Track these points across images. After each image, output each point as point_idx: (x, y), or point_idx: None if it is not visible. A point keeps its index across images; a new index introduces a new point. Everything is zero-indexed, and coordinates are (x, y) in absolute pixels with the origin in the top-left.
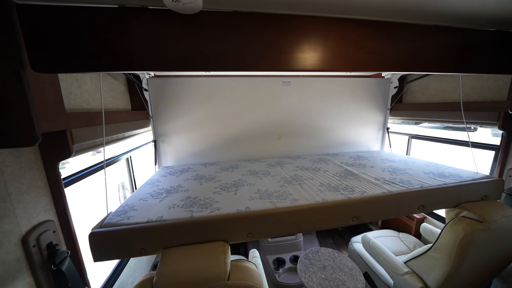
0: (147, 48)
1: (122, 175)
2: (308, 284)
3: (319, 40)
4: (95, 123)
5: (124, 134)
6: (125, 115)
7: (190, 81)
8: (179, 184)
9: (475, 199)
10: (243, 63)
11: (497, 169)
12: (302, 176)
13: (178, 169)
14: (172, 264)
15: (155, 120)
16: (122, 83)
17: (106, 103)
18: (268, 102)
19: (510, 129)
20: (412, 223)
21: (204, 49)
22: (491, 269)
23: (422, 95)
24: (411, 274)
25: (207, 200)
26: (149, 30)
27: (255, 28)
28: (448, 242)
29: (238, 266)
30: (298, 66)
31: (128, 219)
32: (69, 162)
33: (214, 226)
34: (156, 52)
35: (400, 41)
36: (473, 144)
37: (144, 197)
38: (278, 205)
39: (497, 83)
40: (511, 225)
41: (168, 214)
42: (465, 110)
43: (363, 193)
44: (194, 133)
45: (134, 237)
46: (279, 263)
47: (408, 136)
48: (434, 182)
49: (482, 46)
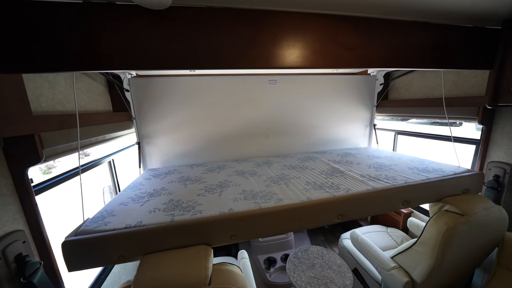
0: (116, 47)
1: (107, 179)
2: (297, 283)
3: (296, 36)
4: (70, 126)
5: (105, 137)
6: (105, 117)
7: (174, 81)
8: (162, 187)
9: (457, 192)
10: (218, 61)
11: (477, 162)
12: (289, 175)
13: (163, 172)
14: (150, 271)
15: (138, 121)
16: (102, 83)
17: (83, 105)
18: (255, 100)
19: (489, 123)
20: (400, 218)
21: (178, 47)
22: (473, 260)
23: (407, 91)
24: (398, 268)
25: (190, 202)
26: (118, 27)
27: (230, 24)
28: (431, 236)
29: (220, 270)
30: (277, 64)
31: (105, 226)
32: (56, 167)
33: (195, 230)
34: (126, 51)
35: (380, 37)
36: (455, 139)
37: (125, 202)
38: (263, 205)
39: (476, 79)
40: (490, 217)
41: (148, 218)
42: (447, 106)
43: (348, 190)
44: (180, 134)
45: (110, 244)
46: (270, 263)
47: (394, 132)
48: (418, 177)
49: (460, 42)
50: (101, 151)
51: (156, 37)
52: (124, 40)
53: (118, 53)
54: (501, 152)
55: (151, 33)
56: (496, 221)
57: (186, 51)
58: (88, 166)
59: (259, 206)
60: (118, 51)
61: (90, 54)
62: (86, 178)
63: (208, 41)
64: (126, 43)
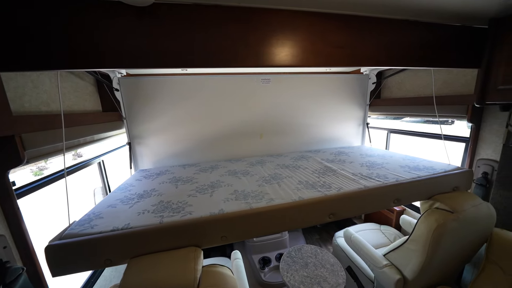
0: (100, 45)
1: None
2: (290, 282)
3: (286, 34)
4: (55, 126)
5: (94, 137)
6: (93, 117)
7: (166, 80)
8: (153, 188)
9: (447, 190)
10: (208, 59)
11: (467, 160)
12: (282, 174)
13: (154, 172)
14: (137, 274)
15: (129, 122)
16: (90, 83)
17: (70, 105)
18: (248, 100)
19: (478, 121)
20: (393, 216)
21: (164, 45)
22: (462, 256)
23: (399, 90)
24: (390, 266)
25: (180, 204)
26: (101, 24)
27: (218, 22)
28: (422, 234)
29: (209, 272)
30: (267, 62)
31: (91, 229)
32: (48, 168)
33: (185, 231)
34: (111, 49)
35: (369, 36)
36: (445, 137)
37: (114, 204)
38: (254, 205)
39: (466, 78)
40: (479, 214)
41: (136, 221)
42: (438, 104)
43: (339, 189)
44: (172, 133)
45: (96, 247)
46: (265, 262)
47: (387, 131)
48: (409, 175)
49: (449, 41)
50: (95, 151)
51: (142, 35)
52: (109, 38)
53: (101, 52)
54: (489, 150)
55: (136, 32)
56: (485, 217)
57: (174, 49)
58: (76, 168)
59: (250, 206)
60: (102, 50)
61: (74, 52)
62: (78, 179)
63: (197, 39)
64: (111, 41)
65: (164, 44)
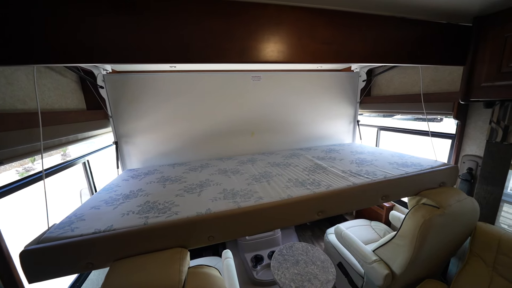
0: (72, 37)
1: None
2: (281, 280)
3: (271, 30)
4: (31, 125)
5: (78, 136)
6: (75, 115)
7: (154, 77)
8: (140, 188)
9: (434, 186)
10: (187, 54)
11: (453, 156)
12: (272, 172)
13: (142, 172)
14: (119, 277)
15: (115, 120)
16: (73, 80)
17: (51, 103)
18: (239, 97)
19: (463, 118)
20: (382, 212)
21: (142, 39)
22: (448, 249)
23: (388, 88)
24: (379, 261)
25: (167, 204)
26: (75, 17)
27: (200, 16)
28: (409, 229)
29: (196, 273)
30: (252, 58)
31: (72, 232)
32: (36, 169)
33: (170, 232)
34: (85, 43)
35: (357, 32)
36: (433, 134)
37: (97, 205)
38: (242, 204)
39: (452, 76)
40: (464, 209)
41: (119, 222)
42: (425, 102)
43: (328, 186)
44: (161, 132)
45: (76, 251)
46: (257, 260)
47: (377, 128)
48: (397, 172)
49: (435, 38)
50: (83, 151)
51: (118, 27)
52: (84, 31)
53: (74, 45)
54: (474, 146)
55: (114, 24)
56: (469, 212)
57: (152, 43)
58: (58, 169)
59: (238, 205)
60: (74, 43)
61: (58, 46)
62: (66, 180)
63: (177, 33)
64: (85, 34)
65: (141, 37)
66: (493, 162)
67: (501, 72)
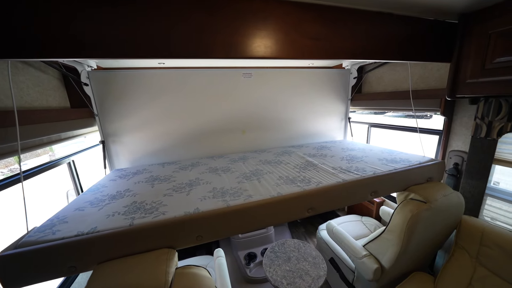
0: (46, 30)
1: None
2: (272, 277)
3: (258, 24)
4: (6, 124)
5: (61, 135)
6: (57, 114)
7: (142, 74)
8: (127, 188)
9: (421, 181)
10: (167, 48)
11: (440, 152)
12: (263, 170)
13: (131, 172)
14: (102, 281)
15: (101, 118)
16: (55, 76)
17: (31, 100)
18: (229, 95)
19: (450, 114)
20: (373, 207)
21: (119, 33)
22: (435, 243)
23: (378, 85)
24: (369, 256)
25: (155, 204)
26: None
27: (183, 9)
28: (398, 224)
29: (183, 273)
30: (237, 53)
31: (53, 235)
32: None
33: (157, 233)
34: (59, 36)
35: (345, 27)
36: (421, 130)
37: (82, 206)
38: (231, 203)
39: (440, 72)
40: (449, 203)
41: (104, 224)
42: (414, 98)
43: (318, 183)
44: (150, 130)
45: (57, 255)
46: (250, 258)
47: (367, 125)
48: (386, 168)
49: (422, 35)
50: (71, 151)
51: (94, 20)
52: (57, 23)
53: (48, 38)
54: (459, 142)
55: (89, 16)
56: (455, 206)
57: (130, 37)
58: (38, 170)
59: (227, 204)
60: (47, 36)
61: (44, 40)
62: (54, 180)
63: (157, 27)
64: (58, 27)
65: (118, 31)
66: (477, 157)
67: (485, 68)
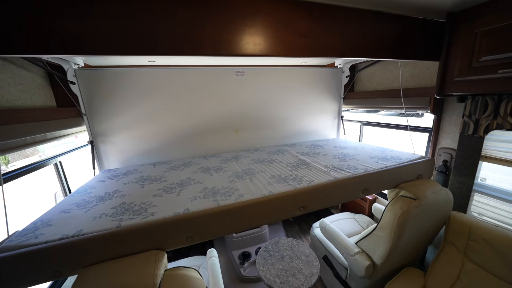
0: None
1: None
2: (266, 277)
3: (246, 21)
4: None
5: (46, 135)
6: (42, 113)
7: (131, 72)
8: (116, 189)
9: (412, 178)
10: (152, 45)
11: (430, 149)
12: (255, 169)
13: (121, 172)
14: (87, 285)
15: (90, 118)
16: (39, 74)
17: (12, 99)
18: (222, 93)
19: (439, 112)
20: (366, 204)
21: (102, 29)
22: (425, 238)
23: (370, 83)
24: (361, 253)
25: (144, 205)
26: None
27: (168, 5)
28: (389, 221)
29: (172, 275)
30: (225, 50)
31: (35, 239)
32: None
33: (145, 234)
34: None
35: (334, 25)
36: (412, 128)
37: (68, 209)
38: (222, 203)
39: (429, 71)
40: (439, 199)
41: (90, 226)
42: (404, 96)
43: (310, 182)
44: (141, 130)
45: (40, 260)
46: (245, 257)
47: (360, 123)
48: (377, 165)
49: (412, 33)
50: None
51: (72, 15)
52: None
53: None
54: (448, 139)
55: (69, 11)
56: (444, 202)
57: (114, 34)
58: (20, 172)
59: (218, 204)
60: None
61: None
62: (46, 182)
63: (142, 23)
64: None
65: (99, 27)
66: (465, 154)
67: (471, 67)
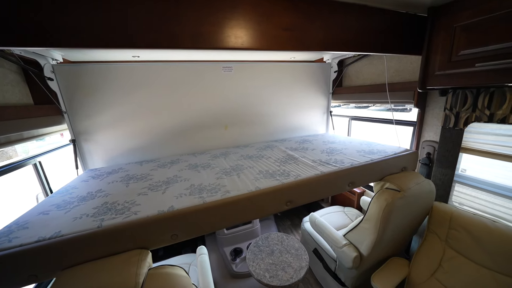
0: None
1: None
2: (255, 271)
3: (226, 13)
4: None
5: (23, 135)
6: (16, 111)
7: (114, 67)
8: (99, 189)
9: (396, 171)
10: (128, 37)
11: (414, 142)
12: (243, 165)
13: (106, 171)
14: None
15: (71, 116)
16: (12, 70)
17: None
18: (210, 89)
19: (423, 106)
20: (354, 197)
21: (75, 21)
22: (410, 229)
23: (357, 78)
24: (348, 245)
25: (127, 204)
26: None
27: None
28: (374, 213)
29: (156, 274)
30: (205, 43)
31: (9, 242)
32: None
33: (128, 234)
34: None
35: (318, 19)
36: (397, 122)
37: (47, 210)
38: (207, 199)
39: (413, 65)
40: (422, 191)
41: (69, 227)
42: (390, 91)
43: (297, 176)
44: (126, 128)
45: (13, 264)
46: (236, 253)
47: (348, 118)
48: (363, 159)
49: (395, 27)
50: None
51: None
52: None
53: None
54: (431, 132)
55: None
56: (427, 193)
57: (88, 26)
58: None
59: (204, 200)
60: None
61: None
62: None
63: (116, 14)
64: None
65: (78, 20)
66: (446, 146)
67: (451, 61)
